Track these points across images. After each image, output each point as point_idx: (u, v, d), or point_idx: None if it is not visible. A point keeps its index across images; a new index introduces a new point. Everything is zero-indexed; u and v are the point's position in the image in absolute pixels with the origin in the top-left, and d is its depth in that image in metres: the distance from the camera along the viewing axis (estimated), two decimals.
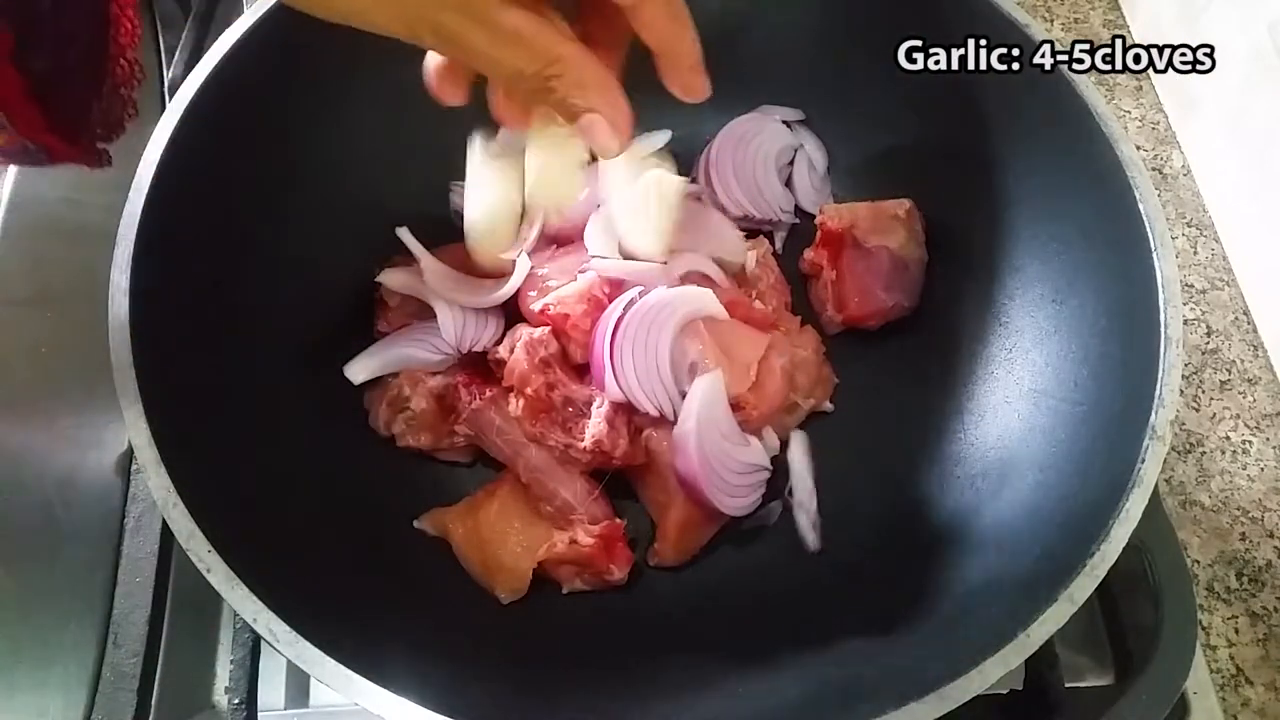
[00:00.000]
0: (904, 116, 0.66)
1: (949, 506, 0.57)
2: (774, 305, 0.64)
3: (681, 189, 0.57)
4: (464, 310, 0.60)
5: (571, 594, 0.57)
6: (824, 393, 0.64)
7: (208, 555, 0.42)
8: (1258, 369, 0.74)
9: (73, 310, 0.60)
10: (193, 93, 0.52)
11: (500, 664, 0.52)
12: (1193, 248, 0.79)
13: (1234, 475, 0.69)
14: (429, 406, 0.59)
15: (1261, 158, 0.74)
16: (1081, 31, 0.91)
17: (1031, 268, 0.59)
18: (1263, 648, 0.63)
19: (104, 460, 0.60)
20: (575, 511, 0.56)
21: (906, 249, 0.64)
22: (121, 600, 0.55)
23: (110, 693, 0.53)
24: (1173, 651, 0.49)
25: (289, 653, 0.40)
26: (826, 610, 0.56)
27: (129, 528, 0.58)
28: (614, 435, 0.55)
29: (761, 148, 0.69)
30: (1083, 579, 0.42)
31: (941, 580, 0.53)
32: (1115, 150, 0.51)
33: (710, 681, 0.51)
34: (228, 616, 0.58)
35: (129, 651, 0.54)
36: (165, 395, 0.45)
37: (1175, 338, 0.47)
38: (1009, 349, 0.59)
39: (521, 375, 0.55)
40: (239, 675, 0.54)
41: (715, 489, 0.55)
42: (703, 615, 0.57)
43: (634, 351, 0.55)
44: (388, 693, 0.39)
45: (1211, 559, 0.66)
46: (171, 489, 0.43)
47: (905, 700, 0.39)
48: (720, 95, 0.42)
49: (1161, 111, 0.86)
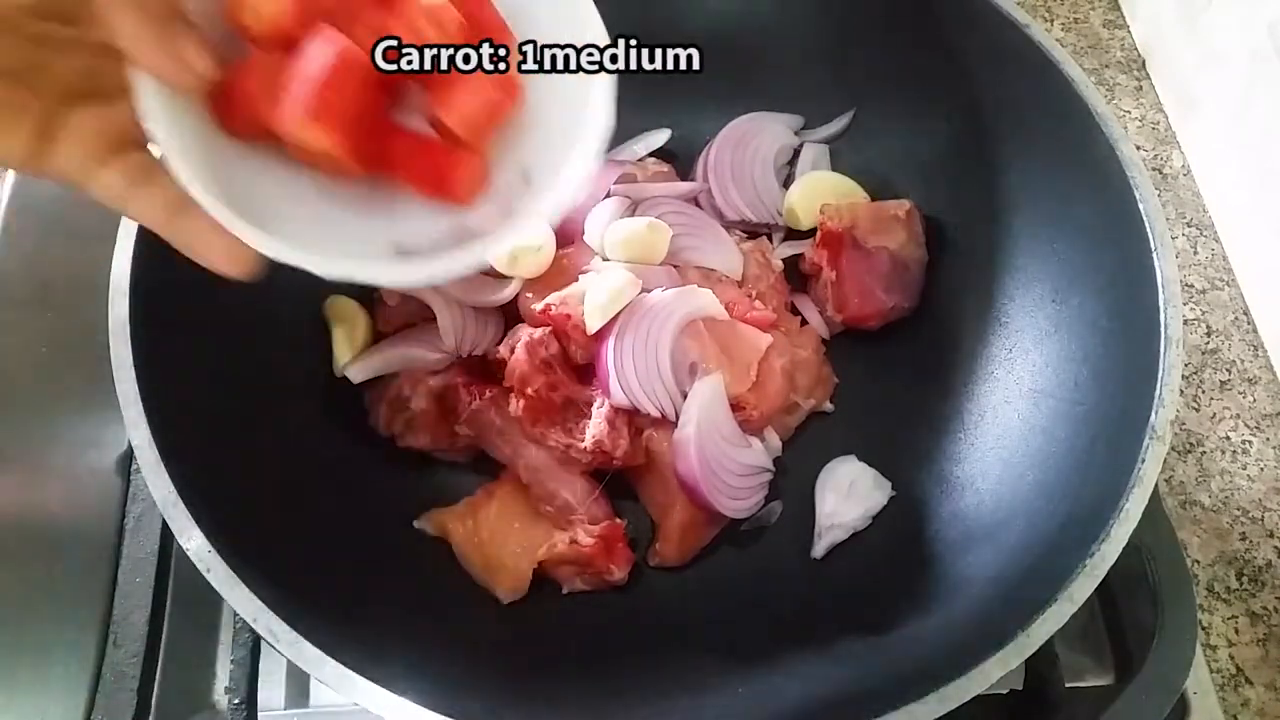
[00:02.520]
0: (904, 117, 0.66)
1: (949, 506, 0.57)
2: (774, 305, 0.64)
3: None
4: (464, 312, 0.60)
5: (571, 594, 0.57)
6: (824, 393, 0.64)
7: (208, 555, 0.42)
8: (1258, 369, 0.74)
9: (73, 310, 0.60)
10: None
11: (500, 664, 0.52)
12: (1193, 248, 0.79)
13: (1234, 475, 0.69)
14: (429, 406, 0.59)
15: (1261, 158, 0.74)
16: (1082, 31, 0.91)
17: (1031, 268, 0.59)
18: (1263, 648, 0.63)
19: (104, 460, 0.60)
20: (575, 512, 0.56)
21: (906, 249, 0.64)
22: (121, 600, 0.55)
23: (110, 693, 0.53)
24: (1173, 651, 0.49)
25: (289, 653, 0.40)
26: (827, 610, 0.56)
27: (129, 528, 0.58)
28: (615, 436, 0.55)
29: (760, 149, 0.69)
30: (1083, 579, 0.42)
31: (941, 580, 0.53)
32: (1115, 150, 0.51)
33: (710, 681, 0.51)
34: (228, 616, 0.58)
35: (129, 651, 0.54)
36: (165, 395, 0.45)
37: (1175, 338, 0.47)
38: (1009, 349, 0.59)
39: (522, 376, 0.55)
40: (239, 675, 0.54)
41: (716, 492, 0.55)
42: (703, 615, 0.57)
43: (634, 352, 0.56)
44: (388, 693, 0.39)
45: (1211, 559, 0.66)
46: (171, 489, 0.43)
47: (905, 700, 0.39)
48: (720, 95, 0.42)
49: (1161, 111, 0.86)
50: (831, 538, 0.59)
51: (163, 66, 0.32)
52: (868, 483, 0.60)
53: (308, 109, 0.33)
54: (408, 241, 0.37)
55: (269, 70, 0.34)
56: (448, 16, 0.35)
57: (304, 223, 0.36)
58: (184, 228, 0.33)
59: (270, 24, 0.34)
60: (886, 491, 0.60)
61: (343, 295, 0.62)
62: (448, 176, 0.37)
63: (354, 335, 0.61)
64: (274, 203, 0.36)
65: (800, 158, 0.71)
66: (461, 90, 0.36)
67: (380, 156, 0.37)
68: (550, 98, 0.39)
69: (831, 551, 0.59)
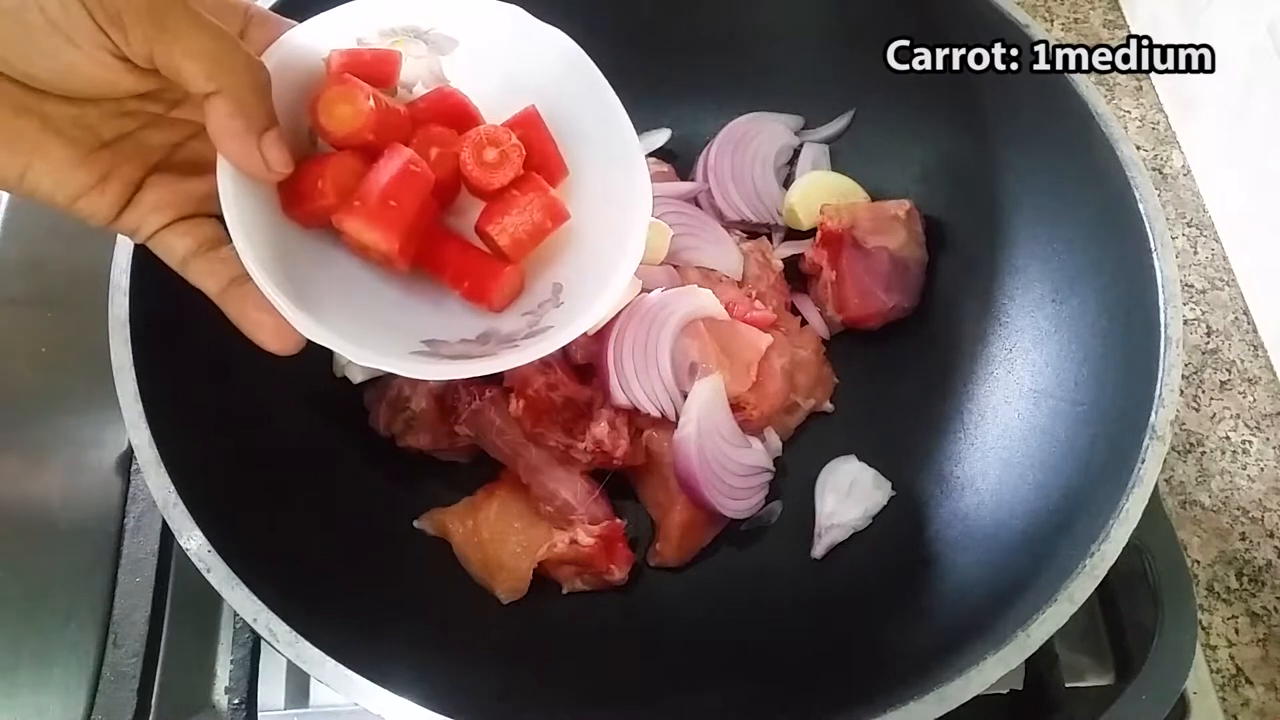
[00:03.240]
0: (904, 117, 0.66)
1: (949, 506, 0.57)
2: (774, 305, 0.64)
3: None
4: None
5: (571, 594, 0.57)
6: (824, 393, 0.64)
7: (208, 555, 0.42)
8: (1258, 369, 0.74)
9: (73, 310, 0.60)
10: None
11: (501, 664, 0.52)
12: (1193, 248, 0.79)
13: (1234, 475, 0.69)
14: (429, 406, 0.59)
15: (1261, 158, 0.74)
16: (1082, 31, 0.91)
17: (1031, 268, 0.59)
18: (1263, 648, 0.63)
19: (104, 460, 0.60)
20: (575, 512, 0.56)
21: (906, 249, 0.64)
22: (121, 600, 0.55)
23: (110, 693, 0.53)
24: (1173, 651, 0.49)
25: (289, 653, 0.40)
26: (827, 610, 0.56)
27: (129, 528, 0.58)
28: (615, 435, 0.55)
29: (760, 149, 0.69)
30: (1083, 579, 0.42)
31: (941, 580, 0.53)
32: (1115, 150, 0.51)
33: (711, 681, 0.51)
34: (228, 616, 0.58)
35: (129, 651, 0.54)
36: (165, 395, 0.45)
37: (1175, 338, 0.47)
38: (1009, 349, 0.59)
39: (522, 376, 0.55)
40: (239, 675, 0.54)
41: (716, 492, 0.55)
42: (703, 615, 0.57)
43: (634, 352, 0.56)
44: (388, 693, 0.39)
45: (1211, 559, 0.66)
46: (171, 489, 0.43)
47: (905, 700, 0.39)
48: (721, 95, 0.42)
49: (1161, 111, 0.86)
50: (831, 538, 0.59)
51: (246, 160, 0.34)
52: (868, 483, 0.60)
53: (372, 213, 0.37)
54: (438, 336, 0.40)
55: (340, 171, 0.38)
56: (508, 141, 0.40)
57: (347, 311, 0.39)
58: (238, 299, 0.36)
59: (348, 131, 0.37)
60: (886, 491, 0.60)
61: None
62: (487, 285, 0.41)
63: None
64: (322, 288, 0.38)
65: (800, 158, 0.71)
66: (513, 210, 0.40)
67: (428, 258, 0.41)
68: (591, 223, 0.42)
69: (831, 551, 0.59)
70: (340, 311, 0.38)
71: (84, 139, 0.34)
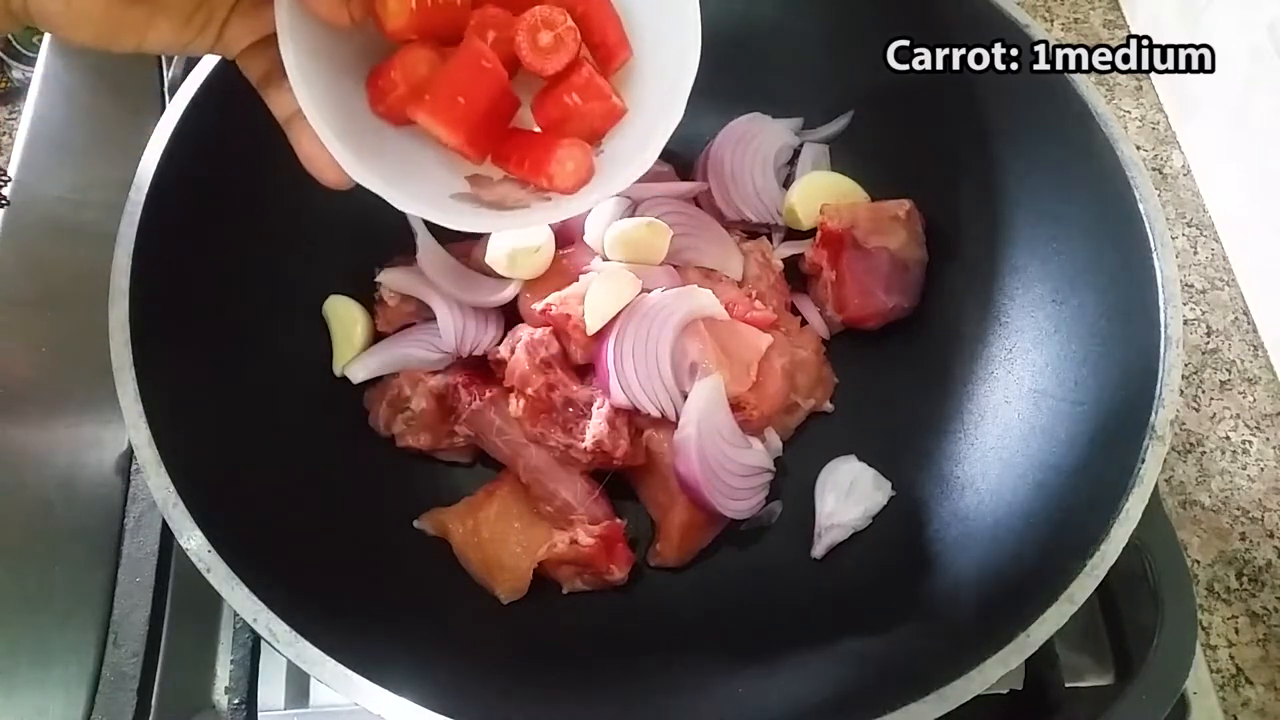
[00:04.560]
0: (904, 118, 0.66)
1: (949, 506, 0.57)
2: (774, 305, 0.64)
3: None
4: (464, 312, 0.60)
5: (571, 594, 0.57)
6: (824, 393, 0.64)
7: (208, 555, 0.42)
8: (1258, 369, 0.74)
9: (73, 310, 0.60)
10: (193, 92, 0.52)
11: (500, 664, 0.52)
12: (1193, 248, 0.79)
13: (1234, 475, 0.69)
14: (429, 406, 0.59)
15: (1261, 158, 0.74)
16: (1082, 31, 0.91)
17: (1031, 268, 0.59)
18: (1263, 648, 0.63)
19: (104, 460, 0.60)
20: (575, 512, 0.56)
21: (906, 249, 0.64)
22: (121, 600, 0.55)
23: (110, 693, 0.53)
24: (1173, 651, 0.49)
25: (289, 653, 0.40)
26: (827, 610, 0.56)
27: (129, 528, 0.58)
28: (615, 436, 0.55)
29: (760, 150, 0.69)
30: (1083, 579, 0.42)
31: (941, 580, 0.53)
32: (1115, 150, 0.51)
33: (711, 681, 0.51)
34: (228, 616, 0.58)
35: (129, 651, 0.54)
36: (165, 395, 0.45)
37: (1175, 338, 0.47)
38: (1009, 349, 0.59)
39: (522, 376, 0.55)
40: (239, 675, 0.54)
41: (717, 493, 0.55)
42: (703, 615, 0.57)
43: (634, 352, 0.56)
44: (388, 693, 0.39)
45: (1211, 559, 0.66)
46: (171, 489, 0.43)
47: (905, 700, 0.39)
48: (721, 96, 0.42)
49: (1161, 111, 0.86)
50: (831, 538, 0.59)
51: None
52: (868, 483, 0.60)
53: (440, 107, 0.38)
54: (480, 171, 0.41)
55: (412, 62, 0.39)
56: (563, 24, 0.39)
57: (398, 165, 0.40)
58: (298, 130, 0.38)
59: (395, 23, 0.38)
60: (886, 491, 0.60)
61: (342, 295, 0.62)
62: (558, 172, 0.40)
63: (354, 335, 0.61)
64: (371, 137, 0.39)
65: (800, 158, 0.71)
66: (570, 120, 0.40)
67: (497, 150, 0.41)
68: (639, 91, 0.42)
69: (831, 551, 0.59)
70: (391, 166, 0.39)
71: (183, 7, 0.36)
